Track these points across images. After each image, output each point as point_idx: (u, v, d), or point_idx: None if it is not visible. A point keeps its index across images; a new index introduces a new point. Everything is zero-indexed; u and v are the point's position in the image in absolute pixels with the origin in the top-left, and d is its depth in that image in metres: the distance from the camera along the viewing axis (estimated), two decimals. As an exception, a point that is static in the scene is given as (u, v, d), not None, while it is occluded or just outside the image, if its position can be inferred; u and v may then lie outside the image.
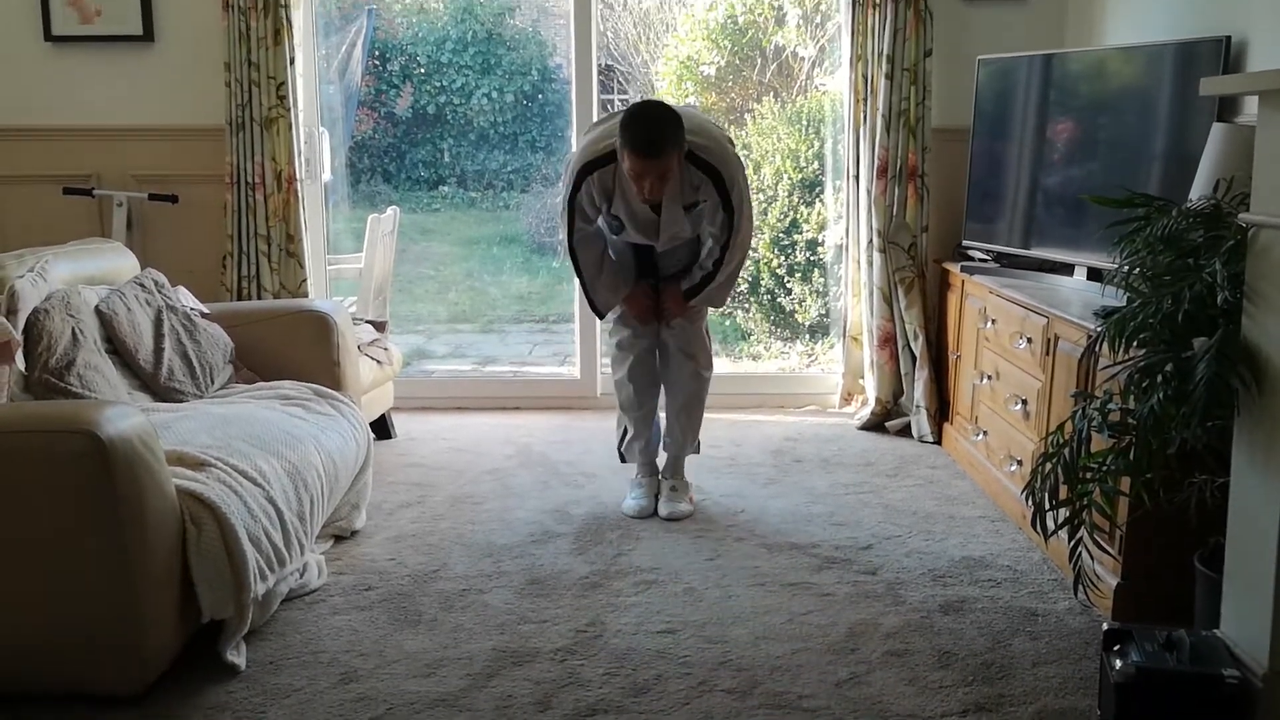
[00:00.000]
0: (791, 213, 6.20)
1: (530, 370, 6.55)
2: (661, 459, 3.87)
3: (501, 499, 3.87)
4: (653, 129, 3.25)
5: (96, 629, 2.47)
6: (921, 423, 4.55)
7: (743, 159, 3.73)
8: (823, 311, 6.08)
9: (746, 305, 6.48)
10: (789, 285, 6.27)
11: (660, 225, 3.51)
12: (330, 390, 3.65)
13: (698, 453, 3.94)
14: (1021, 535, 3.49)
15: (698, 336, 3.77)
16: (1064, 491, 2.55)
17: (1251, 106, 3.18)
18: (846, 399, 4.99)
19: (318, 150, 4.92)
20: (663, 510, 3.69)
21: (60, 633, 2.47)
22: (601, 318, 3.83)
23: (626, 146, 3.25)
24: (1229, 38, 3.26)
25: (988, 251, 4.30)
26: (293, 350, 3.82)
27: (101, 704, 2.50)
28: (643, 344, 3.78)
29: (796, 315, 6.30)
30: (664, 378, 3.81)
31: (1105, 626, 2.43)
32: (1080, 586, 2.62)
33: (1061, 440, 2.56)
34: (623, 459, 3.91)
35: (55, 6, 4.68)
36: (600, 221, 3.64)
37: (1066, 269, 3.83)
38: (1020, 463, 3.58)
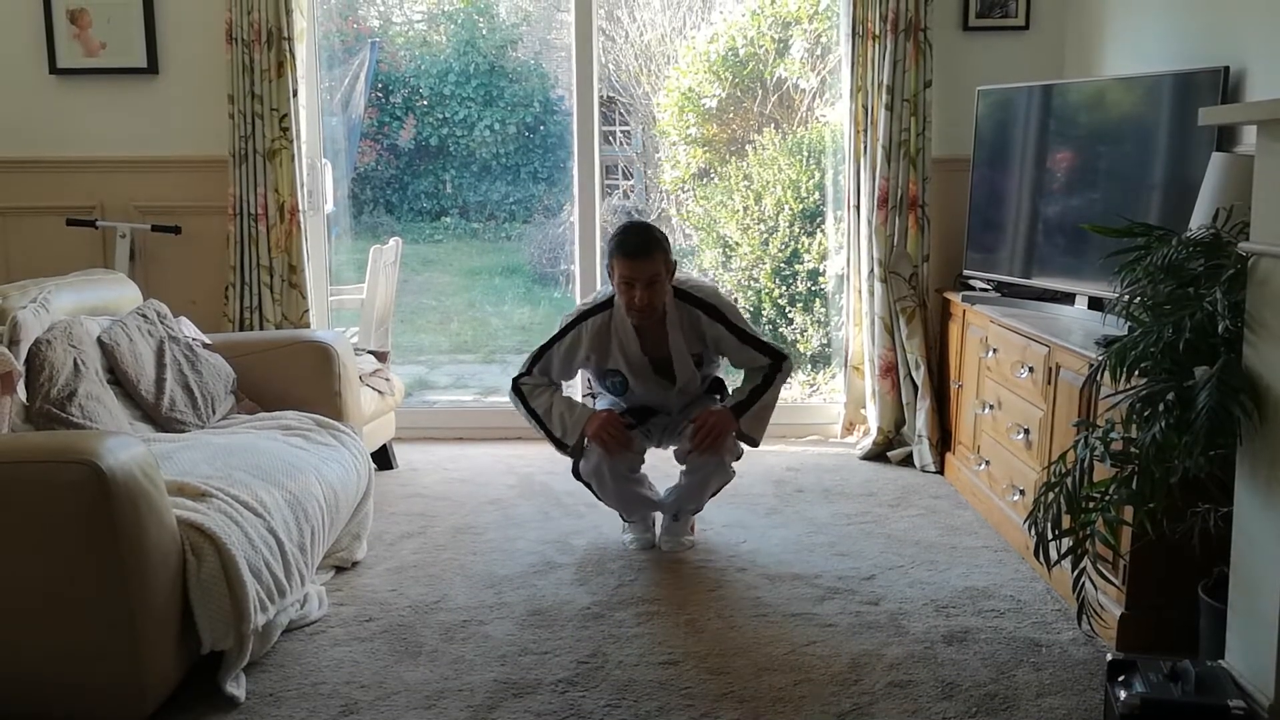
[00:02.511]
0: (793, 243, 6.22)
1: (532, 401, 6.53)
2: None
3: (503, 529, 3.86)
4: (639, 233, 3.40)
5: (95, 659, 2.46)
6: (923, 452, 4.54)
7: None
8: (824, 341, 6.08)
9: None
10: (790, 315, 6.28)
11: (675, 369, 3.50)
12: (332, 420, 3.65)
13: (695, 512, 3.73)
14: (1025, 565, 3.47)
15: (722, 466, 3.57)
16: (1067, 521, 2.54)
17: (1250, 136, 3.19)
18: (848, 429, 4.99)
19: (320, 181, 4.94)
20: (664, 542, 3.67)
21: (59, 663, 2.46)
22: (571, 453, 3.55)
23: (616, 253, 3.36)
24: (1227, 68, 3.27)
25: (989, 281, 4.31)
26: (294, 381, 3.82)
27: (100, 736, 2.48)
28: (620, 469, 3.52)
29: (798, 345, 6.30)
30: (687, 468, 3.59)
31: (1110, 657, 2.42)
32: (1084, 617, 2.61)
33: (1064, 469, 2.56)
34: (626, 520, 3.76)
35: (60, 39, 4.72)
36: (599, 389, 3.65)
37: (1068, 298, 3.84)
38: (1023, 492, 3.57)
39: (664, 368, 3.54)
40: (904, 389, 4.67)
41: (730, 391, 3.67)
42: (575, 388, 4.62)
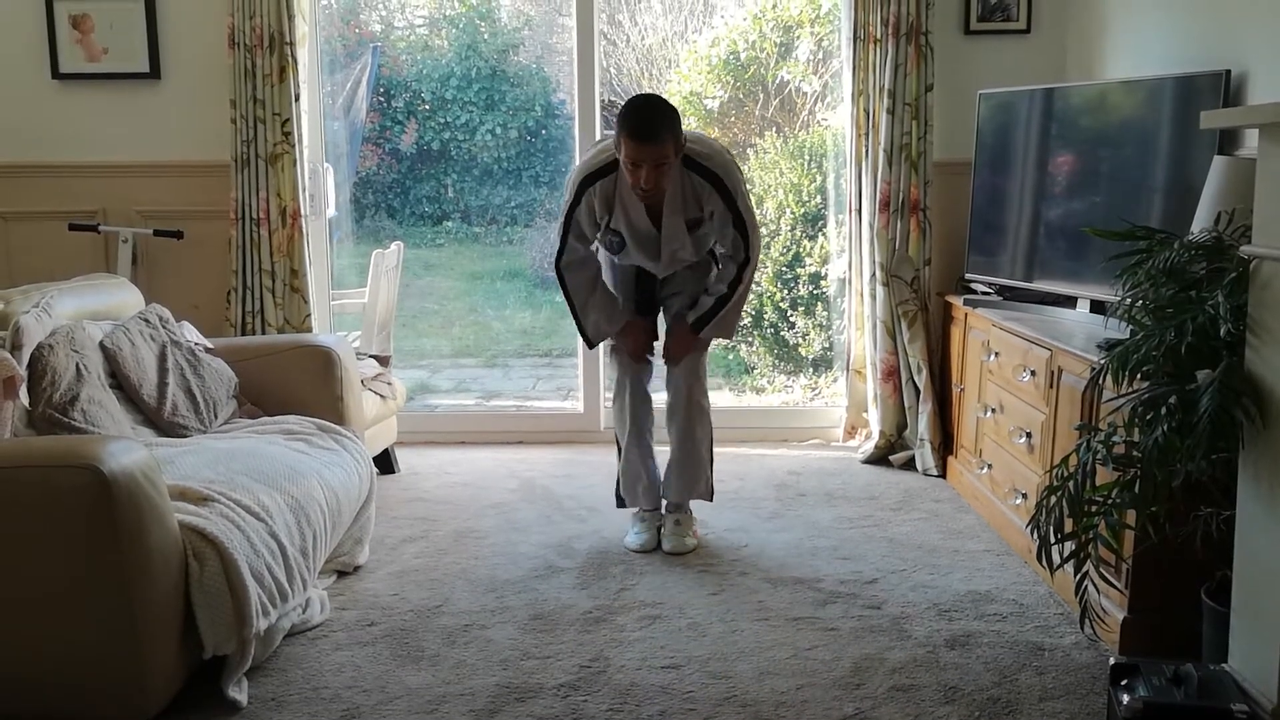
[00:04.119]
0: (794, 247, 6.22)
1: (533, 405, 6.55)
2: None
3: (505, 533, 3.86)
4: (649, 114, 3.30)
5: (97, 664, 2.46)
6: (925, 456, 4.54)
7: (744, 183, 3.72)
8: (826, 345, 6.08)
9: (750, 339, 6.48)
10: (792, 319, 6.28)
11: (661, 240, 3.51)
12: (334, 425, 3.65)
13: (709, 499, 3.82)
14: (1027, 569, 3.47)
15: (700, 378, 3.70)
16: (1069, 524, 2.54)
17: (1252, 139, 3.19)
18: (850, 432, 4.99)
19: (322, 186, 4.94)
20: (666, 544, 3.67)
21: (61, 668, 2.46)
22: (591, 347, 3.80)
23: (623, 133, 3.28)
24: (1229, 71, 3.27)
25: (990, 284, 4.31)
26: (296, 385, 3.82)
27: (102, 741, 2.48)
28: (636, 386, 3.73)
29: (800, 349, 6.30)
30: (668, 420, 3.75)
31: (1112, 661, 2.41)
32: (1086, 620, 2.61)
33: (1066, 473, 2.55)
34: (620, 503, 3.83)
35: (62, 44, 4.73)
36: (598, 243, 3.64)
37: (1069, 301, 3.83)
38: (1025, 496, 3.56)
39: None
40: (906, 393, 4.67)
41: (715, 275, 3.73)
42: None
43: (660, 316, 3.87)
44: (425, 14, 8.58)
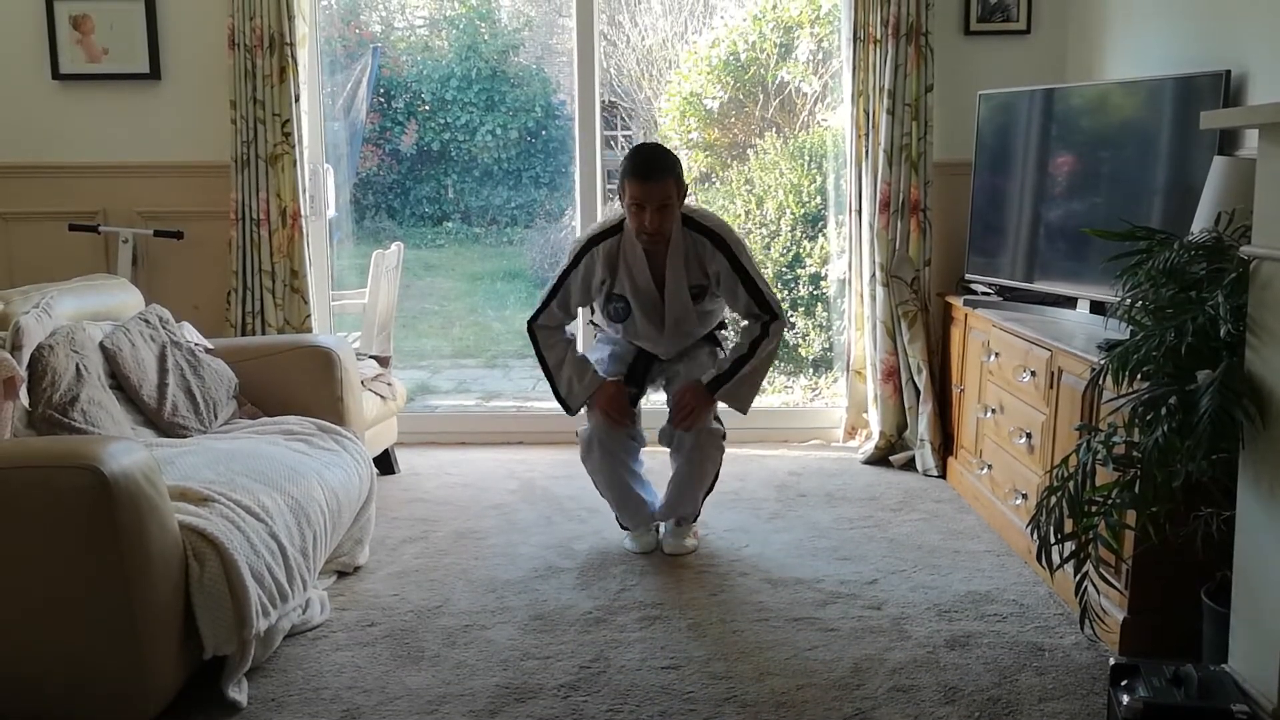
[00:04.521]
0: (794, 247, 6.22)
1: (534, 405, 6.53)
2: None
3: (505, 534, 3.86)
4: (651, 156, 3.39)
5: (98, 664, 2.46)
6: (926, 457, 4.54)
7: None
8: (826, 346, 6.08)
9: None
10: (792, 320, 6.28)
11: (665, 304, 3.52)
12: (334, 425, 3.65)
13: (693, 520, 3.73)
14: (1027, 569, 3.47)
15: (708, 428, 3.58)
16: (1069, 525, 2.54)
17: (1252, 140, 3.19)
18: (850, 433, 4.99)
19: (322, 186, 4.94)
20: (666, 545, 3.67)
21: (61, 667, 2.46)
22: (570, 412, 3.70)
23: (628, 176, 3.34)
24: (1229, 72, 3.27)
25: (990, 285, 4.30)
26: (296, 385, 3.82)
27: (102, 741, 2.48)
28: (615, 440, 3.61)
29: (800, 349, 6.30)
30: (672, 453, 3.65)
31: (1112, 661, 2.42)
32: (1087, 621, 2.61)
33: (1066, 473, 2.55)
34: (625, 527, 3.76)
35: (63, 45, 4.73)
36: (601, 317, 3.65)
37: (1069, 302, 3.83)
38: (1025, 496, 3.56)
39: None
40: (906, 393, 4.67)
41: (727, 346, 3.68)
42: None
43: (653, 392, 3.81)
44: (425, 15, 8.59)
